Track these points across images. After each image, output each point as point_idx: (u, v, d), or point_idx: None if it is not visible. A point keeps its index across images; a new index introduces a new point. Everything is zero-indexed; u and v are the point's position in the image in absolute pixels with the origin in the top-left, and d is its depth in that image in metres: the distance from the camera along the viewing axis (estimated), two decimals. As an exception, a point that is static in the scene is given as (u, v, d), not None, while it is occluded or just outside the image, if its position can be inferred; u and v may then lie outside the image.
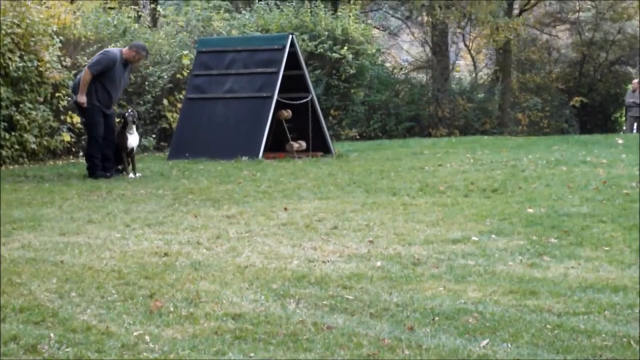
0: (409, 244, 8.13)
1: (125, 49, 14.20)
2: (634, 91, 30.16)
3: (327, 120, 20.71)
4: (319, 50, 22.72)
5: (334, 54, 22.90)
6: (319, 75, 22.86)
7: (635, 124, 29.63)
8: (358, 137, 25.90)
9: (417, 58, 39.27)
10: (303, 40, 21.97)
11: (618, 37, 39.70)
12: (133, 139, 14.03)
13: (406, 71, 36.82)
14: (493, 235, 8.44)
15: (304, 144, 17.01)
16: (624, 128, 33.10)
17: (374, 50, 25.28)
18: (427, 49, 37.22)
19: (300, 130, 17.08)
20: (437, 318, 5.79)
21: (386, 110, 29.16)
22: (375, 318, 5.83)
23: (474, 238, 8.33)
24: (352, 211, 9.99)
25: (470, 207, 10.13)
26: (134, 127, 14.05)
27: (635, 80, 32.41)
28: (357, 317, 5.84)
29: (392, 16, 36.56)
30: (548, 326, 5.60)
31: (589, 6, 39.78)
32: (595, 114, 38.49)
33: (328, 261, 7.47)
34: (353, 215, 9.74)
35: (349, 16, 24.03)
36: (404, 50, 41.34)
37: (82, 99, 13.76)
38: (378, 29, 35.07)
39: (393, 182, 12.53)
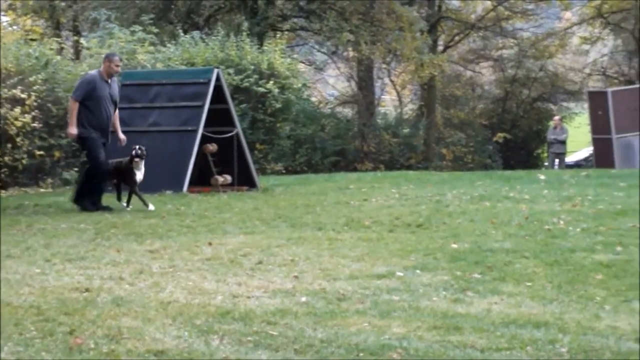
0: (334, 279, 8.11)
1: (101, 67, 14.02)
2: (555, 128, 30.68)
3: (253, 154, 20.65)
4: (244, 84, 22.71)
5: (259, 88, 22.91)
6: (245, 109, 22.83)
7: (557, 160, 30.12)
8: (284, 171, 25.87)
9: (342, 93, 39.55)
10: (229, 74, 21.94)
11: (540, 75, 40.44)
12: (140, 175, 13.91)
13: (332, 106, 37.05)
14: (417, 271, 8.45)
15: (229, 178, 16.93)
16: (546, 164, 33.61)
17: (300, 85, 25.33)
18: (353, 83, 37.51)
19: (226, 164, 17.00)
20: (361, 354, 5.76)
21: (312, 145, 29.23)
22: (300, 354, 5.78)
23: (398, 273, 8.34)
24: (277, 246, 9.95)
25: (395, 242, 10.15)
26: (142, 162, 13.91)
27: (557, 117, 33.01)
28: (282, 353, 5.79)
29: (318, 51, 36.76)
30: (472, 362, 5.61)
31: (511, 44, 40.46)
32: (517, 149, 39.04)
33: (252, 297, 7.41)
34: (278, 250, 9.70)
35: (275, 50, 24.07)
36: (329, 84, 41.58)
37: (73, 130, 13.57)
38: (304, 63, 35.22)
39: (318, 217, 12.52)
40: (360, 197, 15.17)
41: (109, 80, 13.86)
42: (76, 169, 19.26)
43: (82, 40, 24.95)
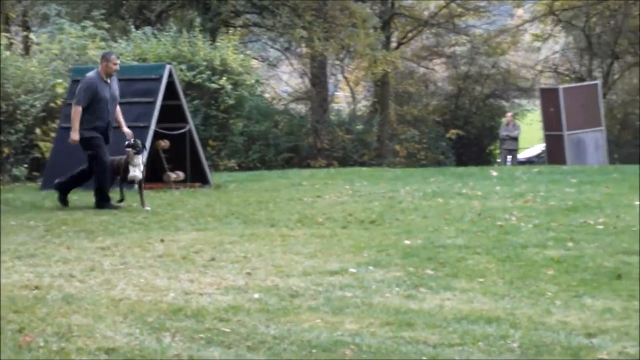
0: (287, 276, 8.09)
1: (99, 67, 13.72)
2: (507, 124, 30.90)
3: (206, 150, 20.54)
4: (197, 81, 22.57)
5: (212, 85, 22.77)
6: (197, 105, 22.69)
7: (509, 157, 30.32)
8: (237, 167, 25.81)
9: (296, 89, 39.51)
10: (181, 70, 21.80)
11: (492, 72, 40.67)
12: (136, 171, 13.44)
13: (285, 102, 37.01)
14: (370, 267, 8.46)
15: (181, 175, 16.83)
16: (499, 160, 33.83)
17: (253, 81, 25.22)
18: (306, 80, 37.48)
19: (178, 160, 16.90)
20: (314, 350, 5.76)
21: (265, 141, 29.18)
22: (252, 351, 5.77)
23: (351, 270, 8.33)
24: (230, 242, 9.91)
25: (348, 239, 10.15)
26: (139, 158, 13.47)
27: (509, 114, 33.24)
28: (234, 351, 5.77)
29: (272, 47, 36.69)
30: (424, 357, 5.62)
31: (464, 41, 40.65)
32: (470, 146, 39.23)
33: (205, 293, 7.38)
34: (231, 246, 9.66)
35: (228, 46, 23.94)
36: (283, 81, 41.51)
37: (75, 136, 13.28)
38: (257, 59, 35.11)
39: (271, 213, 12.49)
40: (314, 194, 15.16)
41: (108, 80, 13.55)
42: (25, 165, 19.05)
43: (31, 36, 24.63)
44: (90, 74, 13.88)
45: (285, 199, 14.37)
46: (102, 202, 13.26)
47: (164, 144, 16.64)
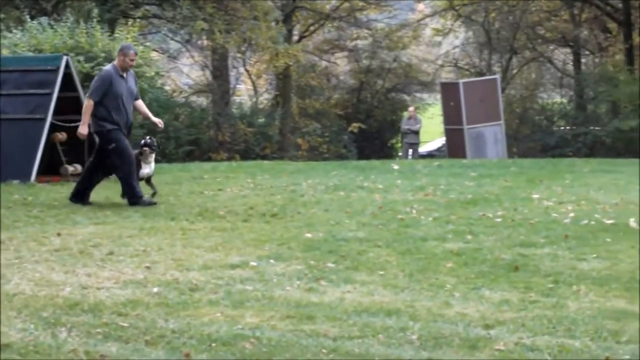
0: (187, 270, 8.02)
1: (115, 61, 13.07)
2: (409, 118, 31.17)
3: (105, 143, 20.25)
4: (95, 72, 22.22)
5: (111, 76, 22.48)
6: (97, 97, 22.38)
7: (411, 150, 30.60)
8: (136, 160, 25.50)
9: (197, 82, 39.22)
10: (79, 61, 21.42)
11: (394, 65, 40.96)
12: (148, 169, 13.08)
13: (186, 95, 36.71)
14: (272, 260, 8.43)
15: (79, 168, 16.56)
16: (400, 154, 34.11)
17: (153, 73, 24.92)
18: (208, 72, 37.24)
19: (76, 153, 16.64)
20: (213, 344, 5.71)
21: (165, 134, 28.86)
22: (151, 345, 5.70)
23: (252, 263, 8.30)
24: (129, 236, 9.78)
25: (249, 232, 10.10)
26: (152, 156, 13.13)
27: (411, 108, 33.55)
28: (132, 345, 5.70)
29: (172, 39, 36.34)
30: (324, 350, 5.62)
31: (366, 34, 40.86)
32: (372, 139, 39.47)
33: (103, 288, 7.27)
34: (130, 240, 9.53)
35: (127, 38, 23.63)
36: (184, 73, 41.19)
37: (84, 130, 12.68)
38: (157, 51, 34.73)
39: (172, 207, 12.37)
40: (215, 187, 15.07)
41: (125, 75, 12.89)
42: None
43: None
44: (107, 67, 13.29)
45: (186, 192, 14.26)
46: (134, 198, 12.62)
47: (61, 136, 16.39)
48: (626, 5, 35.18)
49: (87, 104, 12.76)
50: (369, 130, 39.12)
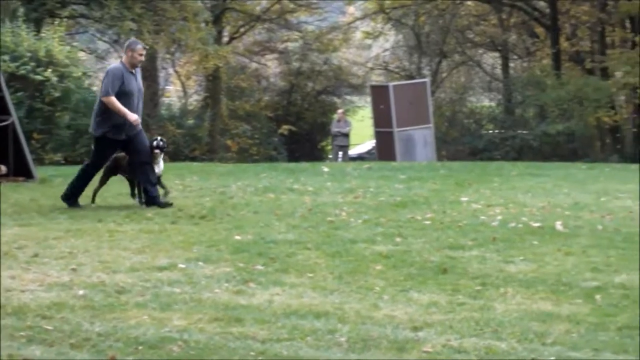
0: (114, 272, 7.93)
1: (122, 57, 12.70)
2: (339, 121, 31.25)
3: (30, 143, 19.95)
4: (21, 72, 21.91)
5: (37, 76, 22.15)
6: (21, 97, 22.02)
7: (341, 153, 30.67)
8: (63, 161, 25.14)
9: (126, 82, 38.83)
10: (4, 61, 21.12)
11: (324, 68, 41.05)
12: (158, 170, 12.84)
13: (115, 95, 36.33)
14: (200, 263, 8.38)
15: (4, 169, 16.31)
16: (330, 156, 34.18)
17: (80, 74, 24.65)
18: (137, 73, 36.89)
19: (1, 154, 16.37)
20: (140, 347, 5.65)
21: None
22: (76, 348, 5.63)
23: (180, 265, 8.23)
24: (54, 238, 9.64)
25: (177, 234, 10.02)
26: (161, 156, 12.93)
27: (340, 110, 33.61)
28: (57, 348, 5.63)
29: (100, 39, 35.97)
30: (252, 353, 5.59)
31: (296, 37, 40.89)
32: (302, 142, 39.49)
33: (27, 290, 7.16)
34: (56, 242, 9.40)
35: (54, 38, 23.34)
36: (112, 74, 40.73)
37: (132, 117, 12.22)
38: (85, 51, 34.39)
39: (99, 209, 12.24)
40: (143, 188, 14.90)
41: (133, 71, 12.53)
42: None
43: None
44: (115, 64, 12.92)
45: (114, 194, 14.10)
46: (156, 197, 12.47)
47: (-13, 136, 16.09)
48: (553, 10, 35.68)
49: (110, 100, 12.24)
50: (299, 132, 39.14)
